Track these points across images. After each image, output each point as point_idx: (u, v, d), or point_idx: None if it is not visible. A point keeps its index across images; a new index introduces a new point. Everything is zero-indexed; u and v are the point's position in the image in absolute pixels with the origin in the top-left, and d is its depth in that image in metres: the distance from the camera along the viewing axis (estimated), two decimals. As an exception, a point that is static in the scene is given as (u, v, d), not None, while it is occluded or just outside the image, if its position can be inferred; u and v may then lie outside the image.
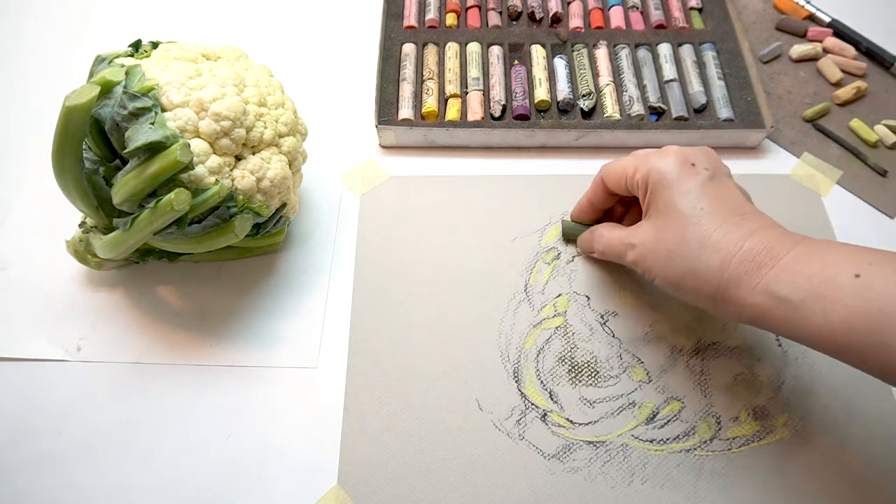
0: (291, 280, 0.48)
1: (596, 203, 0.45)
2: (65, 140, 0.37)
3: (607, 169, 0.43)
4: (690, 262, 0.36)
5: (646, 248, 0.39)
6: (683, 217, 0.37)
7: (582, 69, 0.55)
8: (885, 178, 0.52)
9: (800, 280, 0.33)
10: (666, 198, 0.38)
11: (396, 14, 0.59)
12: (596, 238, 0.44)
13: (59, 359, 0.44)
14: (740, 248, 0.35)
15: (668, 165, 0.38)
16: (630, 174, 0.40)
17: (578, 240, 0.47)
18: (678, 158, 0.39)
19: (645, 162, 0.40)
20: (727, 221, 0.36)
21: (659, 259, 0.38)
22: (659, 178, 0.38)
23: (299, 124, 0.46)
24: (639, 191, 0.40)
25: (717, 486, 0.40)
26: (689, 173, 0.38)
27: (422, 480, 0.40)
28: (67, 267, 0.47)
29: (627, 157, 0.42)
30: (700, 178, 0.38)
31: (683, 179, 0.38)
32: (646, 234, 0.39)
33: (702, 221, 0.36)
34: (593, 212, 0.46)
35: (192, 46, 0.43)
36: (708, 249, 0.35)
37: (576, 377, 0.43)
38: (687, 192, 0.37)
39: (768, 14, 0.62)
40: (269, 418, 0.42)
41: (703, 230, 0.36)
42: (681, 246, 0.36)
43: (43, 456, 0.41)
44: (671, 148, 0.40)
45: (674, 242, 0.37)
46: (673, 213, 0.37)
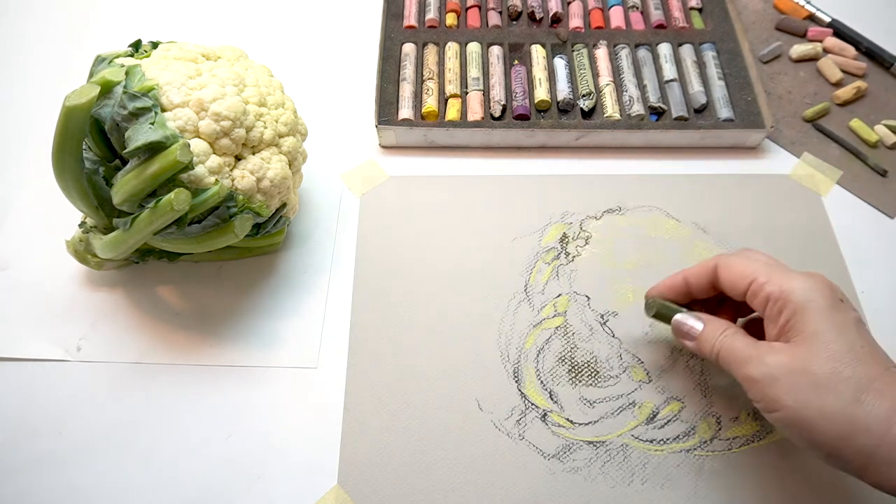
0: (291, 280, 0.48)
1: (694, 289, 0.39)
2: (65, 140, 0.37)
3: (728, 263, 0.37)
4: (846, 403, 0.31)
5: (781, 373, 0.33)
6: (840, 351, 0.32)
7: (582, 69, 0.55)
8: (885, 178, 0.52)
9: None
10: (816, 324, 0.33)
11: (396, 14, 0.59)
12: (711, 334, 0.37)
13: (59, 359, 0.44)
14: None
15: (818, 290, 0.34)
16: (761, 283, 0.35)
17: (677, 322, 0.39)
18: (827, 288, 0.34)
19: (782, 276, 0.35)
20: (884, 371, 0.32)
21: (797, 390, 0.32)
22: (808, 300, 0.33)
23: (299, 124, 0.46)
24: (767, 306, 0.35)
25: (717, 486, 0.40)
26: (843, 308, 0.34)
27: (422, 480, 0.40)
28: (67, 267, 0.47)
29: (753, 261, 0.37)
30: (853, 316, 0.34)
31: (838, 312, 0.33)
32: (784, 357, 0.33)
33: (863, 361, 0.32)
34: (686, 295, 0.40)
35: (192, 46, 0.43)
36: (871, 394, 0.31)
37: (576, 377, 0.43)
38: (845, 326, 0.33)
39: (768, 14, 0.62)
40: (269, 418, 0.42)
41: (865, 371, 0.31)
42: (834, 381, 0.31)
43: (43, 456, 0.41)
44: (811, 273, 0.35)
45: (826, 375, 0.32)
46: (826, 343, 0.32)
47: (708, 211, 0.50)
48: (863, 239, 0.49)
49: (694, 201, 0.51)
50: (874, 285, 0.47)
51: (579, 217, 0.50)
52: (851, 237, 0.49)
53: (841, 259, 0.48)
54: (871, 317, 0.45)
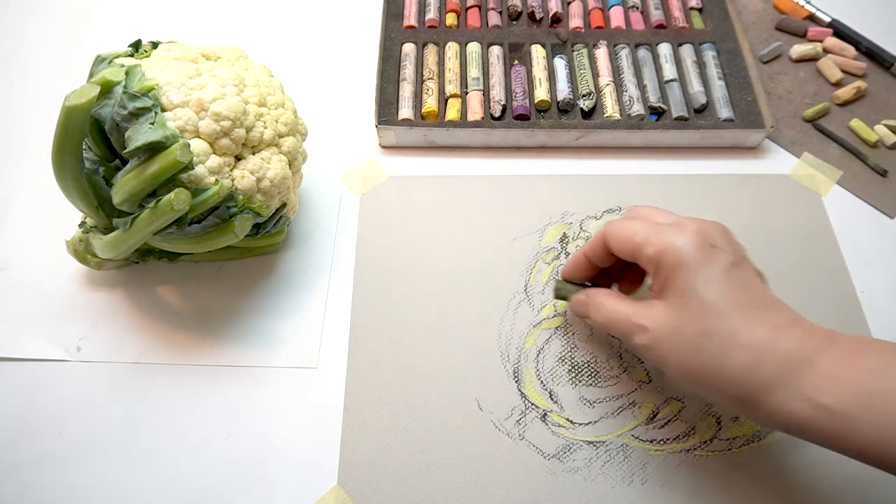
0: (291, 280, 0.48)
1: (594, 260, 0.40)
2: (65, 140, 0.37)
3: (612, 230, 0.38)
4: (714, 358, 0.33)
5: (660, 335, 0.34)
6: (706, 307, 0.33)
7: (582, 69, 0.55)
8: (885, 178, 0.52)
9: (845, 388, 0.30)
10: (685, 282, 0.34)
11: (396, 14, 0.59)
12: (594, 307, 0.39)
13: (59, 359, 0.44)
14: (772, 349, 0.32)
15: (687, 245, 0.34)
16: (639, 245, 0.36)
17: (571, 301, 0.41)
18: (697, 238, 0.35)
19: (658, 235, 0.35)
20: (754, 315, 0.33)
21: (676, 350, 0.34)
22: (676, 260, 0.34)
23: (299, 124, 0.46)
24: (649, 265, 0.36)
25: (717, 486, 0.40)
26: (711, 257, 0.34)
27: (422, 480, 0.40)
28: (67, 267, 0.47)
29: (635, 221, 0.38)
30: (722, 262, 0.34)
31: (705, 263, 0.34)
32: (661, 318, 0.35)
33: (727, 314, 0.33)
34: (589, 269, 0.41)
35: (192, 46, 0.43)
36: (735, 348, 0.32)
37: (576, 377, 0.43)
38: (709, 280, 0.33)
39: (768, 14, 0.62)
40: (269, 418, 0.42)
41: (730, 325, 0.32)
42: (703, 339, 0.33)
43: (43, 456, 0.41)
44: (687, 223, 0.36)
45: (695, 335, 0.33)
46: (693, 301, 0.33)
47: (708, 211, 0.50)
48: (863, 239, 0.49)
49: (694, 201, 0.51)
50: (874, 285, 0.47)
51: (579, 217, 0.50)
52: (851, 237, 0.49)
53: (841, 259, 0.48)
54: (871, 317, 0.45)
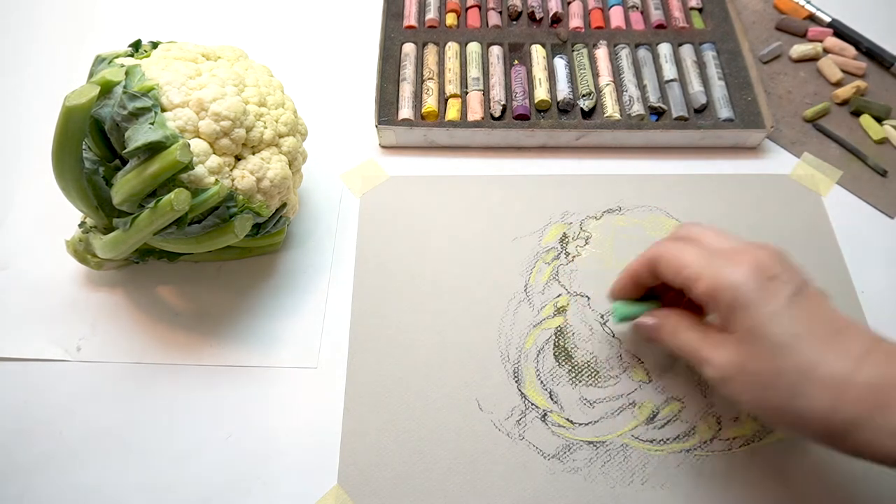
0: (291, 280, 0.48)
1: (642, 282, 0.39)
2: (65, 140, 0.37)
3: (661, 256, 0.36)
4: (791, 399, 0.31)
5: (730, 374, 0.33)
6: (775, 346, 0.31)
7: (582, 69, 0.55)
8: (885, 178, 0.52)
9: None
10: (749, 322, 0.32)
11: (396, 14, 0.59)
12: (666, 334, 0.37)
13: (59, 359, 0.44)
14: (852, 383, 0.30)
15: (745, 281, 0.32)
16: (691, 279, 0.34)
17: (636, 325, 0.40)
18: (754, 272, 0.33)
19: (711, 269, 0.34)
20: (828, 347, 0.31)
21: (749, 390, 0.33)
22: (735, 299, 0.32)
23: (299, 124, 0.46)
24: (703, 301, 0.34)
25: (717, 486, 0.40)
26: (771, 291, 0.32)
27: (422, 480, 0.40)
28: (67, 267, 0.47)
29: (685, 247, 0.36)
30: (784, 294, 0.32)
31: (767, 300, 0.32)
32: (730, 356, 0.33)
33: (799, 350, 0.31)
34: (637, 290, 0.40)
35: (192, 46, 0.43)
36: (812, 386, 0.30)
37: (576, 377, 0.43)
38: (774, 316, 0.32)
39: (768, 14, 0.62)
40: (269, 418, 0.42)
41: (803, 360, 0.31)
42: (776, 379, 0.31)
43: (43, 456, 0.41)
44: (741, 255, 0.34)
45: (767, 374, 0.32)
46: (761, 340, 0.32)
47: (708, 211, 0.50)
48: (863, 239, 0.49)
49: (694, 201, 0.51)
50: (874, 285, 0.47)
51: (579, 217, 0.50)
52: (851, 237, 0.49)
53: (841, 259, 0.48)
54: (871, 317, 0.45)
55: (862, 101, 0.54)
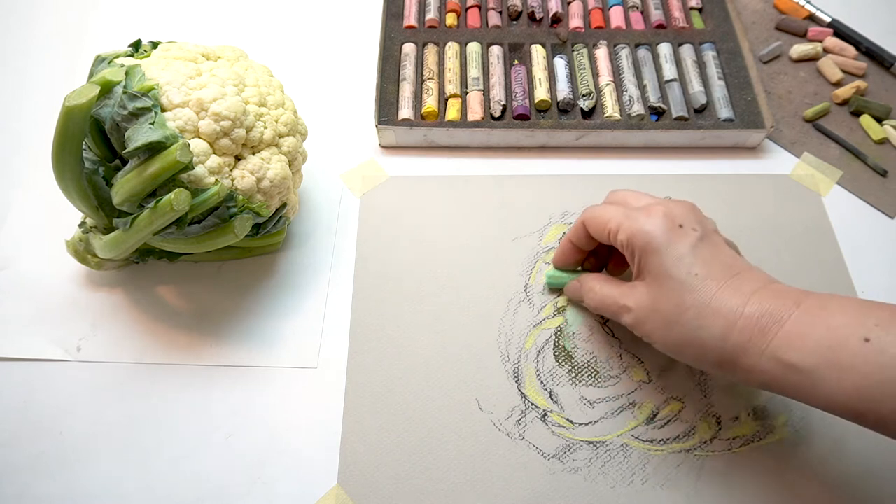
0: (291, 280, 0.48)
1: (579, 245, 0.43)
2: (65, 140, 0.37)
3: (589, 216, 0.41)
4: (691, 330, 0.35)
5: (643, 314, 0.37)
6: (678, 284, 0.35)
7: (582, 69, 0.55)
8: (885, 178, 0.52)
9: (807, 346, 0.32)
10: (657, 263, 0.36)
11: (396, 14, 0.59)
12: (586, 291, 0.42)
13: (59, 359, 0.44)
14: (741, 314, 0.33)
15: (655, 228, 0.37)
16: (613, 230, 0.38)
17: (566, 289, 0.45)
18: (664, 221, 0.37)
19: (628, 221, 0.38)
20: (723, 285, 0.35)
21: (658, 326, 0.36)
22: (646, 243, 0.37)
23: (299, 124, 0.46)
24: (624, 250, 0.38)
25: (717, 486, 0.40)
26: (678, 236, 0.36)
27: (422, 480, 0.40)
28: (67, 267, 0.47)
29: (609, 206, 0.40)
30: (690, 240, 0.36)
31: (673, 243, 0.36)
32: (641, 298, 0.37)
33: (697, 287, 0.35)
34: (577, 253, 0.44)
35: (192, 46, 0.43)
36: (708, 317, 0.34)
37: (576, 377, 0.43)
38: (679, 258, 0.36)
39: (768, 14, 0.62)
40: (269, 418, 0.42)
41: (701, 297, 0.35)
42: (679, 314, 0.35)
43: (43, 456, 0.41)
44: (654, 207, 0.38)
45: (671, 311, 0.35)
46: (667, 280, 0.36)
47: (708, 211, 0.50)
48: (863, 239, 0.49)
49: (694, 201, 0.50)
50: (874, 285, 0.47)
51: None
52: (851, 237, 0.49)
53: (841, 259, 0.48)
54: (871, 317, 0.45)
55: (862, 101, 0.54)
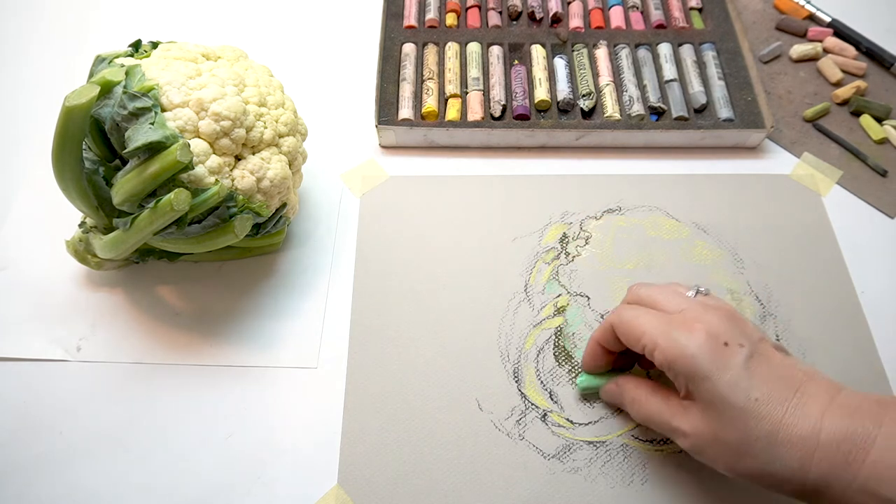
0: (291, 280, 0.48)
1: (608, 348, 0.39)
2: (65, 140, 0.37)
3: (618, 322, 0.37)
4: (763, 464, 0.32)
5: (702, 442, 0.34)
6: (739, 413, 0.32)
7: (582, 69, 0.55)
8: (885, 178, 0.52)
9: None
10: (709, 390, 0.33)
11: (396, 14, 0.59)
12: (629, 402, 0.38)
13: (59, 359, 0.44)
14: (817, 443, 0.30)
15: (699, 352, 0.33)
16: (648, 347, 0.35)
17: (602, 392, 0.41)
18: (708, 341, 0.33)
19: (666, 341, 0.34)
20: (788, 407, 0.31)
21: (722, 456, 0.33)
22: (692, 370, 0.33)
23: (299, 124, 0.46)
24: (664, 369, 0.35)
25: (717, 486, 0.40)
26: (726, 356, 0.33)
27: (422, 480, 0.40)
28: (67, 267, 0.47)
29: (640, 313, 0.36)
30: (740, 359, 0.33)
31: (723, 368, 0.32)
32: (698, 424, 0.33)
33: (762, 414, 0.31)
34: (607, 356, 0.40)
35: (192, 46, 0.43)
36: (780, 448, 0.31)
37: (576, 377, 0.43)
38: (734, 384, 0.32)
39: (768, 14, 0.62)
40: (269, 418, 0.42)
41: (767, 426, 0.31)
42: (747, 446, 0.32)
43: (43, 456, 0.41)
44: (693, 321, 0.34)
45: (737, 442, 0.32)
46: (725, 409, 0.32)
47: (708, 211, 0.50)
48: (863, 239, 0.49)
49: (694, 201, 0.51)
50: (874, 285, 0.47)
51: (579, 217, 0.50)
52: (851, 237, 0.49)
53: (841, 259, 0.48)
54: (871, 317, 0.45)
55: (862, 102, 0.54)
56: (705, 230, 0.49)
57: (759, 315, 0.46)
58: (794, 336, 0.45)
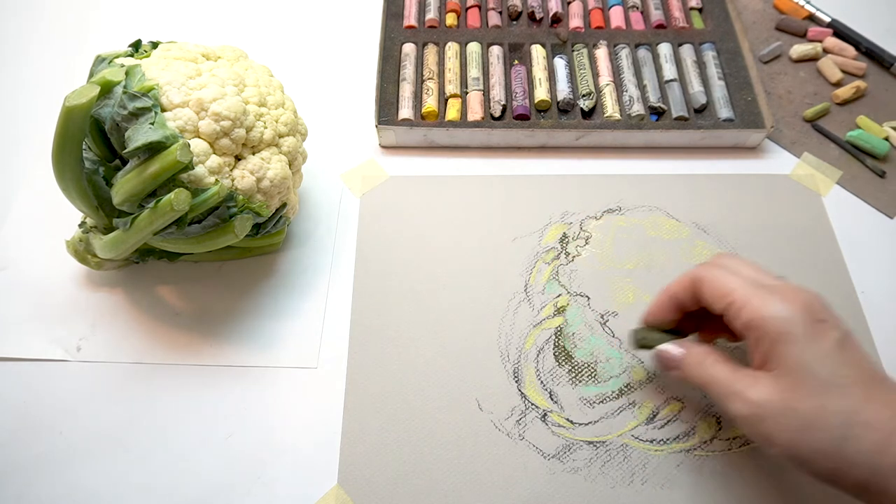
0: (291, 280, 0.48)
1: (683, 302, 0.38)
2: (65, 140, 0.37)
3: (707, 278, 0.36)
4: (834, 439, 0.30)
5: (768, 411, 0.32)
6: (822, 385, 0.31)
7: (582, 69, 0.55)
8: (884, 179, 0.52)
9: None
10: (796, 358, 0.32)
11: (396, 14, 0.59)
12: (693, 364, 0.36)
13: (59, 359, 0.44)
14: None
15: (794, 317, 0.32)
16: (736, 304, 0.34)
17: (657, 353, 0.38)
18: (806, 311, 0.32)
19: (759, 300, 0.33)
20: (871, 393, 0.31)
21: (787, 428, 0.31)
22: (784, 332, 0.32)
23: (299, 124, 0.46)
24: (746, 330, 0.34)
25: (717, 486, 0.40)
26: (822, 331, 0.32)
27: (422, 480, 0.40)
28: (67, 267, 0.47)
29: (730, 274, 0.35)
30: (834, 338, 0.32)
31: (816, 339, 0.32)
32: (768, 392, 0.32)
33: (847, 391, 0.31)
34: (675, 312, 0.38)
35: (192, 46, 0.43)
36: (857, 427, 0.30)
37: (576, 377, 0.43)
38: (825, 356, 0.31)
39: (768, 14, 0.62)
40: (269, 418, 0.42)
41: (850, 402, 0.31)
42: (820, 419, 0.31)
43: (43, 456, 0.41)
44: (790, 291, 0.33)
45: (811, 414, 0.31)
46: (808, 378, 0.31)
47: (708, 211, 0.50)
48: (863, 239, 0.49)
49: (694, 201, 0.51)
50: (874, 285, 0.47)
51: (579, 217, 0.50)
52: (851, 237, 0.49)
53: (841, 259, 0.48)
54: (871, 317, 0.45)
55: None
56: (705, 230, 0.49)
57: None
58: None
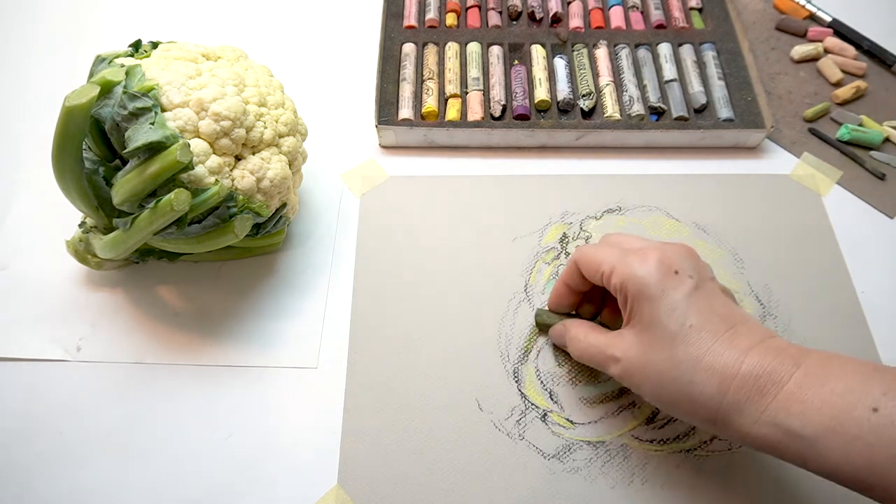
0: (291, 280, 0.48)
1: (573, 286, 0.41)
2: (65, 140, 0.37)
3: (582, 256, 0.39)
4: (683, 386, 0.33)
5: (632, 365, 0.35)
6: (671, 335, 0.33)
7: (582, 69, 0.55)
8: (884, 181, 0.52)
9: (810, 412, 0.30)
10: (649, 312, 0.34)
11: (396, 14, 0.59)
12: (570, 339, 0.40)
13: (59, 359, 0.44)
14: (738, 372, 0.32)
15: (649, 274, 0.35)
16: (606, 273, 0.37)
17: (550, 332, 0.43)
18: (659, 266, 0.35)
19: (622, 265, 0.36)
20: (719, 338, 0.33)
21: (648, 379, 0.35)
22: (639, 290, 0.35)
23: (299, 124, 0.46)
24: (617, 294, 0.37)
25: (717, 486, 0.40)
26: (673, 283, 0.34)
27: (422, 480, 0.40)
28: (67, 267, 0.47)
29: (603, 248, 0.38)
30: (685, 288, 0.34)
31: (667, 291, 0.34)
32: (630, 348, 0.35)
33: (691, 340, 0.33)
34: (571, 296, 0.42)
35: (192, 46, 0.43)
36: (702, 372, 0.32)
37: (576, 377, 0.43)
38: (673, 308, 0.34)
39: (768, 14, 0.62)
40: (269, 418, 0.42)
41: (695, 350, 0.33)
42: (671, 368, 0.33)
43: (43, 456, 0.41)
44: (649, 251, 0.36)
45: (663, 364, 0.34)
46: (659, 330, 0.34)
47: (708, 211, 0.50)
48: (863, 239, 0.49)
49: (694, 201, 0.51)
50: (874, 285, 0.47)
51: (579, 217, 0.50)
52: (851, 237, 0.49)
53: (841, 259, 0.48)
54: (871, 317, 0.45)
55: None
56: (705, 230, 0.49)
57: (759, 315, 0.46)
58: (795, 336, 0.45)
